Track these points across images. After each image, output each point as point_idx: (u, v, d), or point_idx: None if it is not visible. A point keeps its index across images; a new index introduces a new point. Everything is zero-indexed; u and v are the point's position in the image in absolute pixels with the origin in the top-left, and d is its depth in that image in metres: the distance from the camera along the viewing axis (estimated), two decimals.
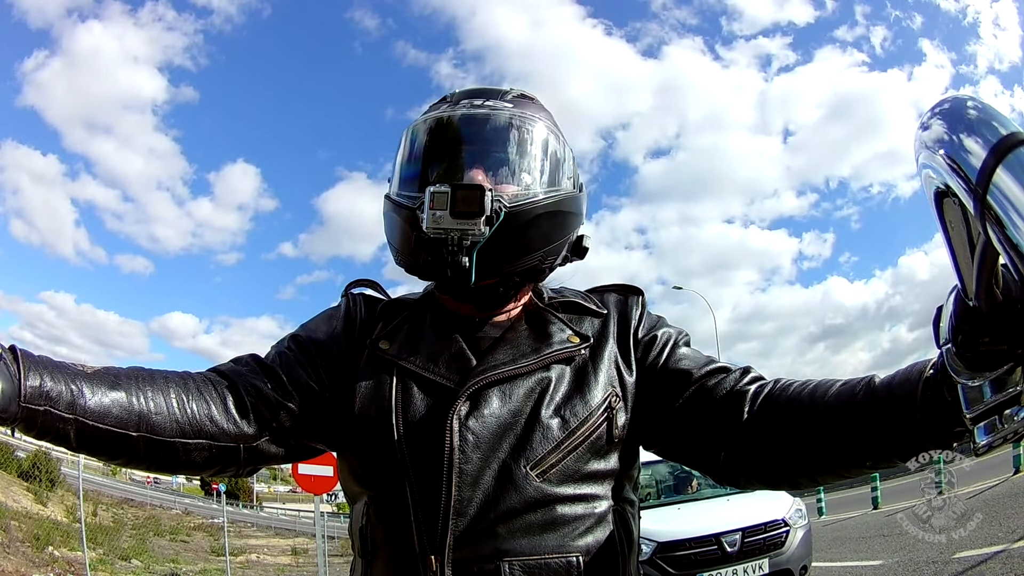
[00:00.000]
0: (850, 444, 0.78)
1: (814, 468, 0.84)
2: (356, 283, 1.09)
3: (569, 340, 0.96)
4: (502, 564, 0.84)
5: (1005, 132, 0.49)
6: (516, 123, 0.97)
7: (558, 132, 1.02)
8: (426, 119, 1.00)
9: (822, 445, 0.81)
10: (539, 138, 0.98)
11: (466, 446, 0.86)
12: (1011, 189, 0.47)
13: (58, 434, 0.78)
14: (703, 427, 0.91)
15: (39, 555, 10.94)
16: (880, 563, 7.46)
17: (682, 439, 0.94)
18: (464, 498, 0.85)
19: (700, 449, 0.92)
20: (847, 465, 0.81)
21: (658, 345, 0.99)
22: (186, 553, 17.09)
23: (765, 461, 0.87)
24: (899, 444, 0.74)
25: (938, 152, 0.54)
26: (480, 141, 0.97)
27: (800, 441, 0.83)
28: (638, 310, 1.03)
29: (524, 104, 1.02)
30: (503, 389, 0.90)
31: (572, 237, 1.01)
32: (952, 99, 0.56)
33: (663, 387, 0.95)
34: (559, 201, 0.96)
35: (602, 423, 0.91)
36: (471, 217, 0.87)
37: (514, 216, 0.91)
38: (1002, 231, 0.47)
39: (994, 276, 0.53)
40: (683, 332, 1.03)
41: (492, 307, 1.00)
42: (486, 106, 0.99)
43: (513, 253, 0.93)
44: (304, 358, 0.96)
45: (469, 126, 0.98)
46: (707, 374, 0.94)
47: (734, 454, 0.88)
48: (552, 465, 0.88)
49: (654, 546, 5.74)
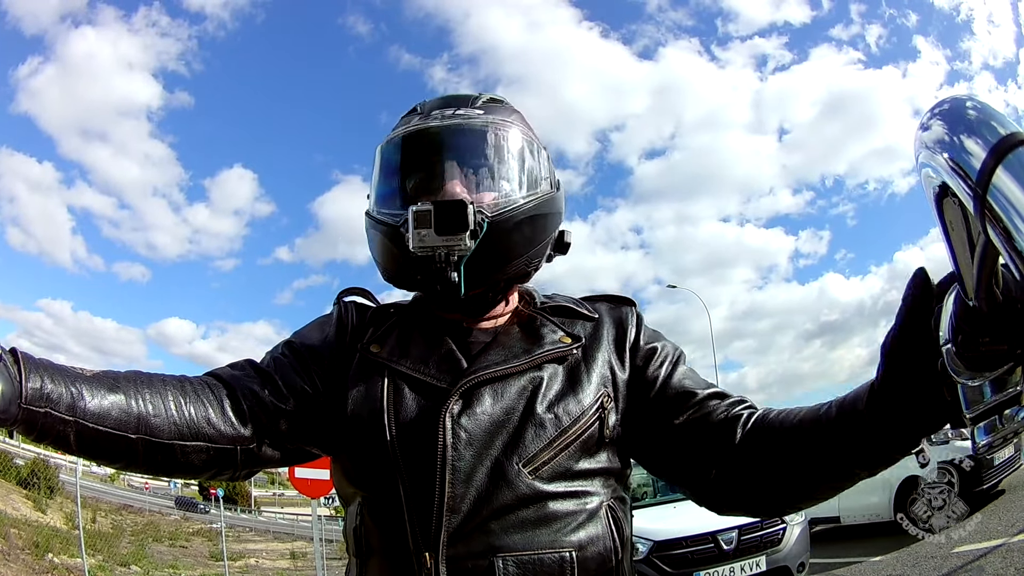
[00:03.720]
0: (815, 462, 0.82)
1: (794, 494, 0.87)
2: (348, 291, 1.11)
3: (561, 340, 0.98)
4: (496, 560, 0.84)
5: (1005, 132, 0.49)
6: (489, 130, 0.99)
7: (531, 134, 1.04)
8: (398, 134, 1.01)
9: (794, 469, 0.84)
10: (514, 143, 1.00)
11: (459, 443, 0.87)
12: (1011, 189, 0.47)
13: (58, 436, 0.78)
14: (697, 447, 0.92)
15: (39, 562, 10.92)
16: (879, 558, 7.47)
17: (674, 456, 0.95)
18: (457, 495, 0.86)
19: (691, 467, 0.93)
20: (820, 483, 0.84)
21: (659, 358, 1.01)
22: (185, 558, 17.09)
23: (750, 485, 0.89)
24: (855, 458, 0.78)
25: (938, 152, 0.54)
26: (455, 152, 0.99)
27: (778, 467, 0.85)
28: (634, 319, 1.05)
29: (495, 109, 1.04)
30: (495, 388, 0.91)
31: (554, 236, 1.03)
32: (952, 99, 0.56)
33: (663, 404, 0.97)
34: (539, 204, 0.98)
35: (594, 422, 0.92)
36: (456, 233, 0.89)
37: (497, 225, 0.93)
38: (1002, 231, 0.47)
39: (994, 276, 0.53)
40: (680, 349, 1.05)
41: (481, 313, 1.01)
42: (457, 115, 1.00)
43: (499, 261, 0.95)
44: (298, 363, 0.97)
45: (442, 137, 0.99)
46: (707, 396, 0.96)
47: (723, 473, 0.90)
48: (544, 462, 0.89)
49: (650, 545, 5.74)
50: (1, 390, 0.72)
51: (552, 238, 1.02)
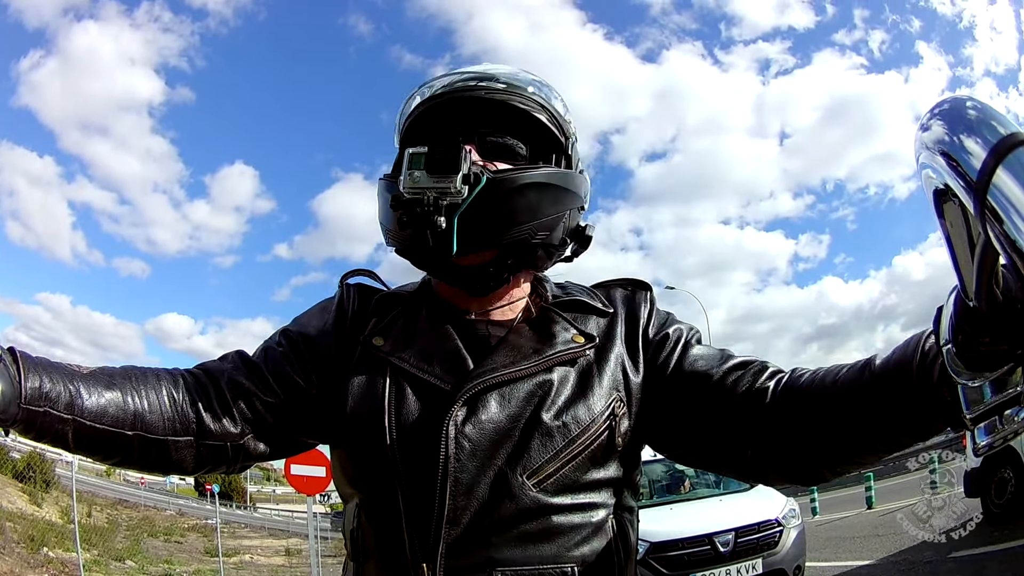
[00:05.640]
0: (861, 430, 0.76)
1: (834, 458, 0.81)
2: (353, 272, 1.06)
3: (573, 340, 0.93)
4: (495, 574, 0.82)
5: (1005, 132, 0.49)
6: (514, 101, 0.94)
7: (556, 113, 0.98)
8: (420, 94, 0.97)
9: (835, 433, 0.79)
10: (534, 116, 0.95)
11: (462, 454, 0.83)
12: (1011, 189, 0.47)
13: (56, 435, 0.78)
14: (726, 427, 0.87)
15: (34, 556, 10.90)
16: (874, 562, 7.48)
17: (703, 442, 0.90)
18: (458, 507, 0.83)
19: (724, 450, 0.88)
20: (863, 452, 0.79)
21: (669, 345, 0.95)
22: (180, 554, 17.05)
23: (790, 454, 0.84)
24: (907, 424, 0.73)
25: (938, 153, 0.54)
26: (473, 116, 0.94)
27: (815, 432, 0.80)
28: (646, 307, 1.00)
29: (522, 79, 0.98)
30: (502, 393, 0.87)
31: (567, 217, 0.95)
32: (952, 100, 0.56)
33: (679, 390, 0.92)
34: (549, 174, 0.92)
35: (604, 430, 0.88)
36: (447, 173, 0.84)
37: (498, 183, 0.87)
38: (1002, 231, 0.47)
39: (994, 276, 0.53)
40: (694, 328, 1.00)
41: (484, 290, 0.95)
42: (481, 85, 0.95)
43: (498, 223, 0.88)
44: (292, 353, 0.94)
45: (462, 101, 0.94)
46: (725, 373, 0.90)
47: (760, 450, 0.85)
48: (550, 475, 0.85)
49: (647, 546, 5.72)
50: (1, 390, 0.72)
51: (565, 218, 0.94)
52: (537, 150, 0.96)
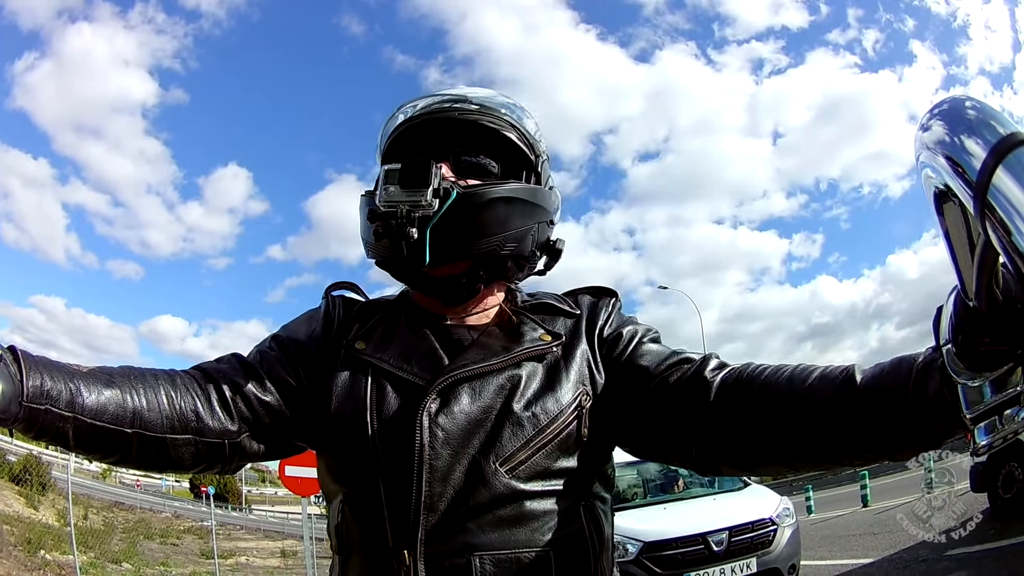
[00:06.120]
0: (834, 440, 0.77)
1: (792, 456, 0.82)
2: (336, 285, 1.11)
3: (541, 338, 0.98)
4: (473, 558, 0.85)
5: (1005, 132, 0.49)
6: (485, 121, 1.00)
7: (527, 132, 1.04)
8: (401, 113, 1.03)
9: (801, 435, 0.79)
10: (504, 135, 1.01)
11: (436, 442, 0.87)
12: (1011, 189, 0.47)
13: (57, 433, 0.79)
14: (669, 422, 0.90)
15: (31, 559, 10.85)
16: (870, 561, 7.49)
17: (652, 436, 0.93)
18: (435, 494, 0.86)
19: (672, 444, 0.91)
20: (828, 460, 0.81)
21: (622, 343, 1.00)
22: (176, 556, 16.99)
23: (739, 446, 0.85)
24: (887, 443, 0.74)
25: (938, 153, 0.54)
26: (447, 136, 1.00)
27: (776, 427, 0.81)
28: (607, 311, 1.04)
29: (495, 102, 1.04)
30: (473, 386, 0.92)
31: (536, 230, 1.00)
32: (951, 100, 0.56)
33: (627, 384, 0.96)
34: (517, 189, 0.98)
35: (572, 421, 0.92)
36: (418, 187, 0.89)
37: (468, 197, 0.93)
38: (1002, 231, 0.47)
39: (994, 276, 0.53)
40: (651, 329, 1.04)
41: (458, 300, 1.01)
42: (456, 107, 1.01)
43: (468, 235, 0.93)
44: (284, 357, 0.98)
45: (437, 123, 1.00)
46: (669, 367, 0.93)
47: (705, 445, 0.87)
48: (521, 461, 0.89)
49: (640, 546, 5.73)
50: (2, 389, 0.72)
51: (533, 231, 1.00)
52: (508, 167, 1.02)
